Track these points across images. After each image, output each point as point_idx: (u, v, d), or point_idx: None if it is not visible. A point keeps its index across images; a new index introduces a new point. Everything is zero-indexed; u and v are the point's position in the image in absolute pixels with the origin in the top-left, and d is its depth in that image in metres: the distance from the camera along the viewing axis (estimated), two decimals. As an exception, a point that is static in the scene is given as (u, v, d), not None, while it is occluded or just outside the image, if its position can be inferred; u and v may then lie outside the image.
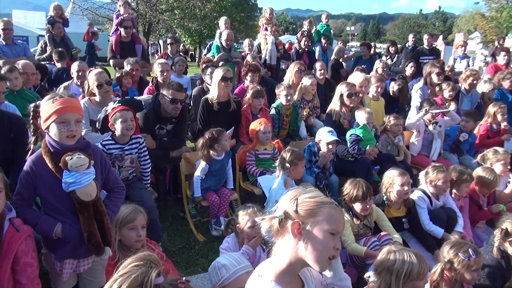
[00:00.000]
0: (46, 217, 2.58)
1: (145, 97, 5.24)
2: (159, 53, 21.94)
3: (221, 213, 4.41)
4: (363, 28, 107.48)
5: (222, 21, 8.67)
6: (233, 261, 2.52)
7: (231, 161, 4.61)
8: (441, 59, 9.85)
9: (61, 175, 2.51)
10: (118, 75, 6.20)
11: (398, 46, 11.14)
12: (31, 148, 2.98)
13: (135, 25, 8.76)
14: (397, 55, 10.21)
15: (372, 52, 11.02)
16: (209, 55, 8.20)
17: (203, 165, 4.33)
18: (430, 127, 5.59)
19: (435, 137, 5.60)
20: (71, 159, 2.48)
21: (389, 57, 10.27)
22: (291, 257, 1.65)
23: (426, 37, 10.06)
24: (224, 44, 7.94)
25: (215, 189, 4.46)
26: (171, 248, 4.20)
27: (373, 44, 12.37)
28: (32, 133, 2.98)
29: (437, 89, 6.43)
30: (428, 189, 4.11)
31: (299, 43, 9.51)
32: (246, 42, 9.21)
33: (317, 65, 7.38)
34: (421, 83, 6.79)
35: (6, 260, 2.38)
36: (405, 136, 5.67)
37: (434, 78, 6.48)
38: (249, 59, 7.86)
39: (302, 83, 6.30)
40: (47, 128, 2.52)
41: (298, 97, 6.13)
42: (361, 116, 5.10)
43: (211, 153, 4.32)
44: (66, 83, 6.07)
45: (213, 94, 5.23)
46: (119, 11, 8.51)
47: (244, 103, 5.46)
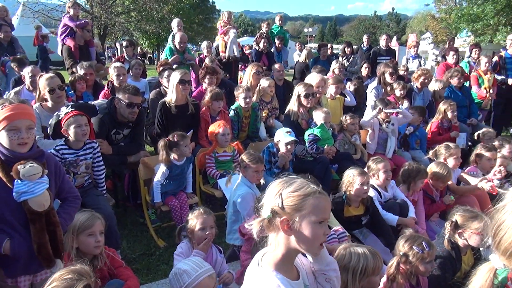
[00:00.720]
0: None
1: (100, 101, 5.12)
2: (116, 56, 21.45)
3: (185, 216, 4.36)
4: (321, 29, 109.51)
5: (174, 23, 8.57)
6: (194, 266, 2.50)
7: (192, 166, 4.57)
8: (395, 59, 10.17)
9: (12, 184, 2.41)
10: (71, 79, 6.02)
11: (353, 47, 11.42)
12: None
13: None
14: (352, 56, 10.46)
15: (329, 53, 11.26)
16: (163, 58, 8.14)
17: (163, 170, 4.27)
18: (383, 126, 5.76)
19: (389, 135, 5.77)
20: (24, 167, 2.39)
21: (345, 57, 10.50)
22: (286, 248, 1.72)
23: (384, 37, 10.35)
24: (177, 46, 7.87)
25: (173, 193, 4.40)
26: (130, 255, 4.12)
27: (330, 45, 12.61)
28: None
29: (389, 88, 6.64)
30: (374, 182, 4.24)
31: (258, 44, 9.58)
32: (204, 44, 9.16)
33: (276, 66, 7.47)
34: (375, 83, 7.01)
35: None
36: (361, 134, 5.81)
37: (387, 77, 6.70)
38: (207, 61, 7.83)
39: (260, 85, 6.34)
40: (-3, 135, 2.42)
41: (256, 98, 6.17)
42: (318, 116, 5.19)
43: (172, 157, 4.27)
44: (16, 88, 5.84)
45: (171, 97, 5.18)
46: (68, 13, 8.27)
47: (202, 105, 5.43)
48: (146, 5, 26.17)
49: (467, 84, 8.11)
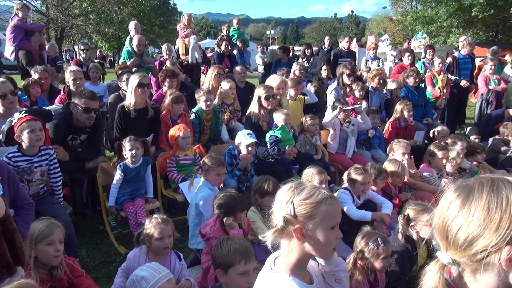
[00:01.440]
0: None
1: (55, 106, 4.99)
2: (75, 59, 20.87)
3: (141, 220, 4.29)
4: (283, 31, 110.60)
5: (132, 25, 8.42)
6: (152, 272, 2.48)
7: (150, 169, 4.52)
8: (354, 60, 10.40)
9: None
10: (25, 83, 5.82)
11: (314, 48, 11.60)
12: None
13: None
14: (313, 57, 10.62)
15: (290, 55, 11.39)
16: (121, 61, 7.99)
17: (118, 173, 4.22)
18: (344, 126, 5.89)
19: (349, 135, 5.90)
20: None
21: (305, 59, 10.64)
22: (300, 254, 1.71)
23: (346, 39, 10.57)
24: (135, 49, 7.75)
25: (131, 198, 4.34)
26: (90, 263, 4.01)
27: (291, 47, 12.76)
28: None
29: (349, 89, 6.79)
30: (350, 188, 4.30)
31: (219, 47, 9.58)
32: (164, 47, 9.07)
33: (237, 69, 7.49)
34: (335, 84, 7.15)
35: None
36: (322, 135, 5.91)
37: (345, 79, 6.85)
38: (168, 64, 7.76)
39: (221, 87, 6.34)
40: None
41: (218, 101, 6.16)
42: (278, 117, 5.24)
43: (126, 161, 4.21)
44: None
45: (130, 101, 5.09)
46: (16, 15, 7.97)
47: (163, 109, 5.38)
48: (104, 7, 25.61)
49: (422, 84, 8.41)
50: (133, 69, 7.13)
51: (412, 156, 5.26)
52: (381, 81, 7.10)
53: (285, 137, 5.19)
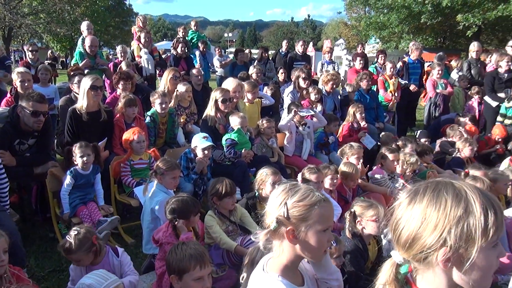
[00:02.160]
0: None
1: (0, 109, 4.76)
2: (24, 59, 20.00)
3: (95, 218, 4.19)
4: (241, 34, 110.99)
5: (84, 26, 8.17)
6: (99, 279, 2.41)
7: (99, 177, 4.42)
8: (309, 64, 10.59)
9: None
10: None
11: (270, 52, 11.70)
12: None
13: None
14: (268, 61, 10.71)
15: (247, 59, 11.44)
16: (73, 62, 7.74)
17: (68, 179, 4.10)
18: (300, 129, 5.99)
19: (305, 138, 6.01)
20: None
21: (262, 62, 10.72)
22: (291, 255, 1.72)
23: (300, 43, 10.75)
24: (88, 50, 7.53)
25: (84, 201, 4.22)
26: (39, 272, 3.86)
27: (248, 50, 12.84)
28: None
29: (305, 92, 6.91)
30: None
31: (175, 49, 9.47)
32: (118, 48, 8.86)
33: (194, 72, 7.43)
34: (291, 87, 7.25)
35: None
36: (278, 138, 5.98)
37: (301, 82, 6.97)
38: (123, 66, 7.60)
39: (177, 90, 6.28)
40: None
41: (174, 104, 6.10)
42: (234, 120, 5.25)
43: (77, 167, 4.09)
44: None
45: (82, 103, 4.94)
46: None
47: (116, 112, 5.26)
48: (56, 6, 24.73)
49: (375, 88, 8.69)
50: (86, 71, 6.92)
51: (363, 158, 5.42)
52: (334, 86, 7.28)
53: (242, 140, 5.21)
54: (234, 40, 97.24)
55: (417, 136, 7.43)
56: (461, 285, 1.21)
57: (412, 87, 8.91)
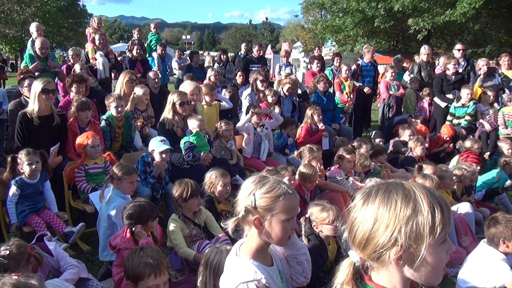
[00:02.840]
0: None
1: None
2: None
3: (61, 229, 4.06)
4: (199, 36, 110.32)
5: (33, 27, 7.85)
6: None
7: (49, 184, 4.28)
8: (267, 67, 10.70)
9: None
10: None
11: (229, 54, 11.74)
12: None
13: None
14: (228, 63, 10.74)
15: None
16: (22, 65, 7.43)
17: (13, 189, 3.96)
18: (258, 130, 6.04)
19: (263, 139, 6.07)
20: None
21: (221, 64, 10.73)
22: (258, 241, 1.87)
23: (256, 48, 10.84)
24: (38, 52, 7.23)
25: (35, 210, 4.08)
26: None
27: (207, 52, 12.79)
28: None
29: (262, 95, 6.98)
30: None
31: (131, 52, 9.30)
32: (70, 51, 8.59)
33: (151, 74, 7.33)
34: (249, 90, 7.29)
35: None
36: (236, 140, 6.00)
37: (259, 84, 7.03)
38: (77, 68, 7.38)
39: (134, 93, 6.17)
40: None
41: (130, 107, 5.99)
42: (192, 123, 5.23)
43: (23, 176, 3.95)
44: None
45: (33, 107, 4.76)
46: None
47: (69, 116, 5.11)
48: (4, 6, 23.66)
49: (331, 90, 8.89)
50: (36, 74, 6.67)
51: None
52: (291, 89, 7.39)
53: (200, 143, 5.20)
54: (192, 42, 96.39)
55: (372, 136, 7.67)
56: (414, 280, 1.28)
57: (366, 89, 9.18)
